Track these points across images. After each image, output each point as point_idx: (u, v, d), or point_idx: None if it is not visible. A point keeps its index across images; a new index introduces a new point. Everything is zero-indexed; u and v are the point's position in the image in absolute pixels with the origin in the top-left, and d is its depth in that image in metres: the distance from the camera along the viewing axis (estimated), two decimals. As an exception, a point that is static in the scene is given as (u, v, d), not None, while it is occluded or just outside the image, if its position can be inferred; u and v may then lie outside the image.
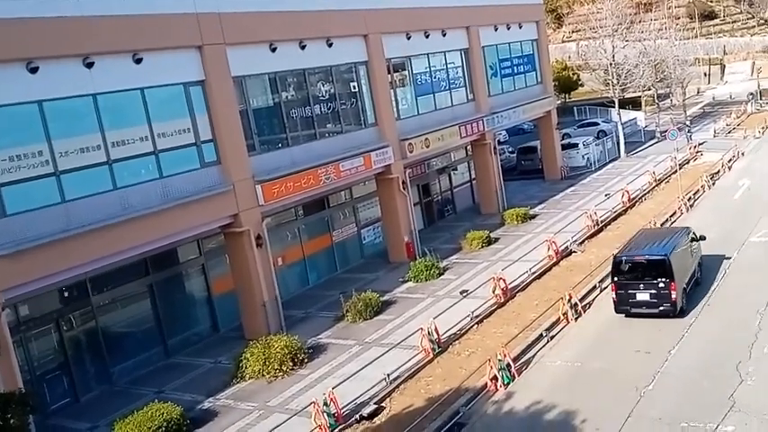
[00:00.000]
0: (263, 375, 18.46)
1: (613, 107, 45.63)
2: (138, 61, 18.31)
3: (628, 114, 51.92)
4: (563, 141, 42.53)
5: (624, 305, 19.66)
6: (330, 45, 24.63)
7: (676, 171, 33.58)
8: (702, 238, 22.45)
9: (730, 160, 38.09)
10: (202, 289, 22.96)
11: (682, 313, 19.27)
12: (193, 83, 20.00)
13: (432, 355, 18.58)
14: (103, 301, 20.01)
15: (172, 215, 18.75)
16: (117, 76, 17.94)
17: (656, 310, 19.19)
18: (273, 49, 22.41)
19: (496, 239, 28.62)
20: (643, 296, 19.29)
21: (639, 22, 66.65)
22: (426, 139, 28.73)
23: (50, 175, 16.49)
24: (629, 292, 19.49)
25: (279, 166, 22.29)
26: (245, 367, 18.69)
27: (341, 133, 25.59)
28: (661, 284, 18.99)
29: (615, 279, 19.77)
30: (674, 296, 18.96)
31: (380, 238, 29.39)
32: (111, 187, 17.72)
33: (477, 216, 33.67)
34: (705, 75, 74.42)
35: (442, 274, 25.08)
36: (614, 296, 19.76)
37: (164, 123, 19.07)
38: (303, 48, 23.53)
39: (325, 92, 25.05)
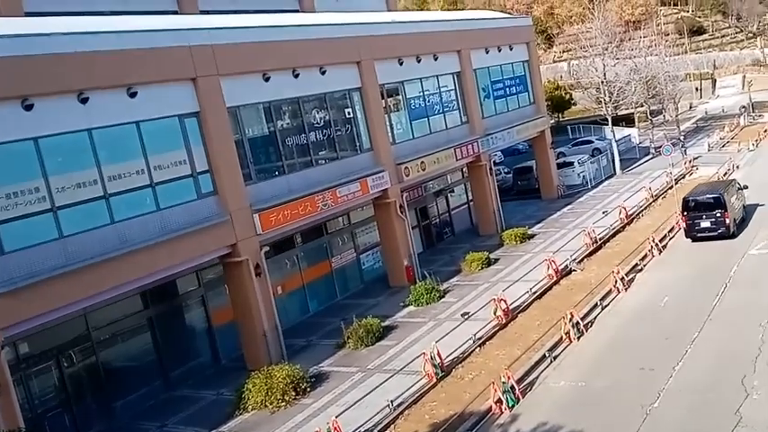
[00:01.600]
0: (265, 406, 18.30)
1: (607, 125, 45.88)
2: (133, 95, 18.40)
3: (621, 131, 52.18)
4: (558, 160, 42.67)
5: (692, 231, 27.05)
6: (323, 73, 24.79)
7: (672, 186, 33.68)
8: (746, 186, 29.85)
9: (726, 174, 38.22)
10: (202, 320, 22.86)
11: (733, 237, 26.55)
12: (188, 115, 20.09)
13: (435, 380, 18.45)
14: (103, 336, 19.89)
15: (170, 247, 18.71)
16: (112, 111, 18.01)
17: (715, 234, 26.51)
18: (267, 79, 22.56)
19: (496, 260, 28.59)
20: (705, 224, 26.65)
21: (629, 39, 67.22)
22: (422, 162, 28.84)
23: (47, 211, 16.47)
24: (696, 222, 26.81)
25: (276, 195, 22.32)
26: (248, 398, 18.53)
27: (337, 159, 25.66)
28: (718, 214, 26.36)
29: (684, 213, 27.15)
30: (728, 221, 26.36)
31: (380, 263, 29.33)
32: (109, 221, 17.70)
33: (475, 237, 33.66)
34: (697, 89, 75.02)
35: (443, 297, 25.00)
36: (684, 225, 27.32)
37: (160, 156, 19.11)
38: (297, 76, 23.68)
39: (320, 119, 25.17)
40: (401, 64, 28.75)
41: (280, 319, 22.14)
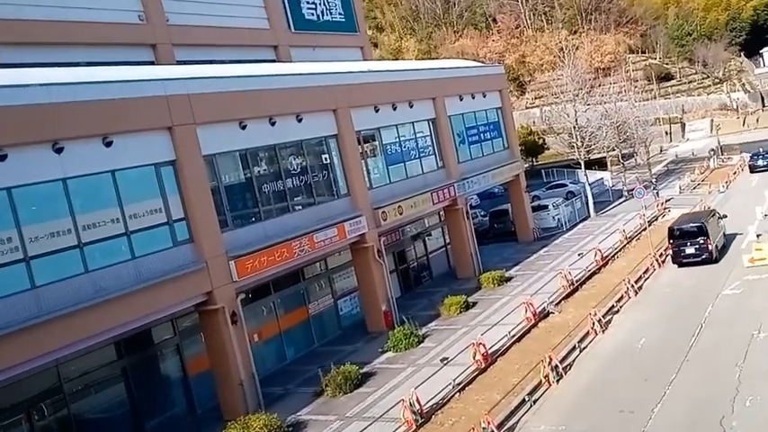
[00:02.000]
0: (242, 457, 17.94)
1: (580, 168, 46.63)
2: (109, 144, 18.40)
3: (594, 175, 53.02)
4: (533, 203, 43.17)
5: (678, 258, 29.33)
6: (300, 120, 25.04)
7: (646, 228, 34.16)
8: (725, 216, 32.34)
9: (697, 215, 38.83)
10: (177, 369, 22.48)
11: (716, 261, 28.88)
12: (164, 163, 20.10)
13: (415, 427, 18.24)
14: (76, 387, 19.44)
15: (145, 296, 18.50)
16: (87, 160, 17.98)
17: (699, 259, 28.74)
18: (243, 127, 22.72)
19: (474, 304, 28.61)
20: (690, 250, 28.92)
21: (599, 86, 68.92)
22: (399, 206, 29.00)
23: (20, 261, 16.24)
24: (681, 249, 29.13)
25: (252, 241, 22.26)
26: (224, 449, 18.17)
27: (314, 205, 25.75)
28: (701, 241, 28.58)
29: (671, 241, 29.68)
30: (710, 247, 28.61)
31: (358, 309, 29.20)
32: (83, 270, 17.48)
33: (453, 281, 33.71)
34: (666, 133, 76.73)
35: (422, 341, 24.90)
36: (671, 252, 29.73)
37: (135, 204, 19.03)
38: (273, 124, 23.88)
39: (297, 165, 25.32)
40: (377, 111, 29.14)
41: (256, 368, 21.85)
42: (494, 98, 39.20)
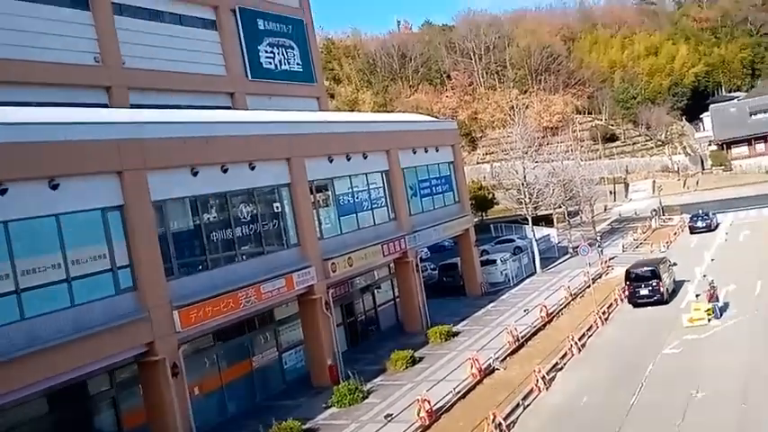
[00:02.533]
0: None
1: (527, 224, 47.52)
2: (55, 187, 18.01)
3: (541, 231, 54.02)
4: (482, 258, 43.63)
5: (634, 298, 32.69)
6: (253, 168, 24.96)
7: (590, 285, 34.82)
8: (675, 263, 36.13)
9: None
10: (112, 424, 21.57)
11: (667, 303, 32.24)
12: (111, 208, 19.72)
13: (357, 486, 17.89)
14: (3, 442, 18.54)
15: (83, 345, 17.87)
16: (31, 203, 17.53)
17: (652, 300, 32.10)
18: (195, 173, 22.52)
19: (421, 359, 28.50)
20: (644, 291, 32.28)
21: (547, 144, 70.96)
22: (349, 258, 28.95)
23: (-49, 306, 15.62)
24: (636, 290, 32.50)
25: (198, 290, 21.82)
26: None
27: (263, 254, 25.49)
28: (654, 284, 32.09)
29: (627, 283, 33.21)
30: (662, 290, 32.17)
31: (302, 362, 28.71)
32: (18, 318, 16.85)
33: (401, 335, 33.56)
34: (611, 193, 78.90)
35: (367, 397, 24.60)
36: (627, 293, 33.22)
37: (79, 249, 18.56)
38: (225, 171, 23.73)
39: (248, 213, 25.12)
40: (331, 161, 29.30)
41: (196, 422, 21.19)
42: (446, 152, 39.90)
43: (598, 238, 51.72)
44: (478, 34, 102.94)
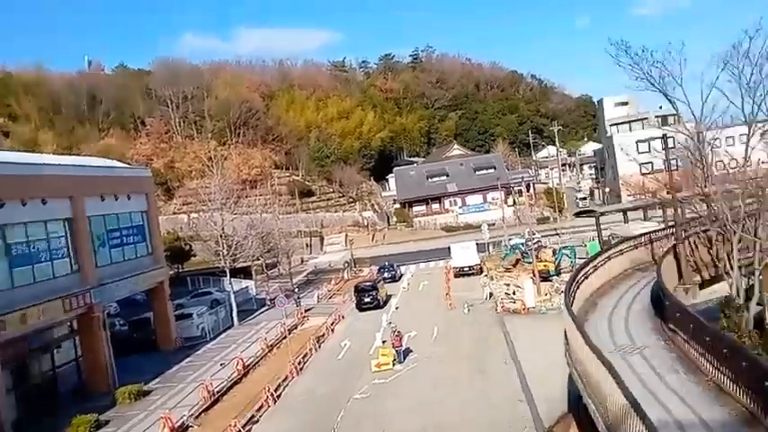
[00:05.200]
0: None
1: (225, 276, 46.99)
2: None
3: (240, 283, 53.86)
4: (177, 312, 41.91)
5: (360, 305, 44.52)
6: None
7: (286, 336, 35.39)
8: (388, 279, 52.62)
9: (333, 323, 41.63)
10: None
11: (383, 307, 44.27)
12: None
13: None
14: None
15: None
16: None
17: (372, 305, 44.25)
18: None
19: (107, 422, 26.21)
20: (367, 299, 44.81)
21: (246, 197, 71.77)
22: (23, 314, 25.76)
23: None
24: (362, 298, 44.86)
25: None
26: None
27: None
28: (374, 293, 45.00)
29: (355, 293, 45.66)
30: (379, 298, 45.22)
31: (-42, 438, 24.48)
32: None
33: (85, 398, 30.40)
34: (307, 245, 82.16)
35: (39, 472, 21.72)
36: (355, 301, 45.28)
37: None
38: None
39: None
40: (2, 206, 25.96)
41: None
42: (139, 201, 38.03)
43: (295, 289, 53.13)
44: (176, 82, 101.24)
